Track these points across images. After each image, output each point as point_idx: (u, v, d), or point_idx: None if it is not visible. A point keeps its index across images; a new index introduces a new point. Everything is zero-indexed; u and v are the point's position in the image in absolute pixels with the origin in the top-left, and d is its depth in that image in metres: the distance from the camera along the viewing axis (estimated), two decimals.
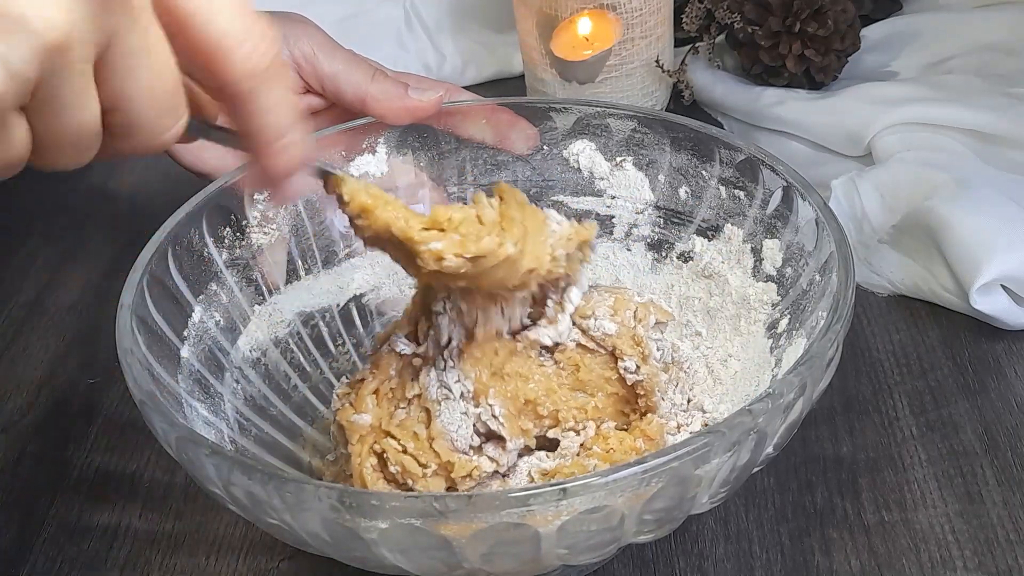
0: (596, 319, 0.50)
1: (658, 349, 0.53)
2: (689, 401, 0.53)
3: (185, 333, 0.52)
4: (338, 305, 0.60)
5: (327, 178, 0.43)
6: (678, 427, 0.51)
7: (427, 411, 0.49)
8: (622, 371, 0.50)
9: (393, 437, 0.48)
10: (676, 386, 0.53)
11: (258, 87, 0.36)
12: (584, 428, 0.50)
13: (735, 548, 0.52)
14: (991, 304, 0.60)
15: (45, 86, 0.32)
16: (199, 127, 0.38)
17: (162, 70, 0.34)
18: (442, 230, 0.42)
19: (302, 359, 0.58)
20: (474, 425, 0.49)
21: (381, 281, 0.61)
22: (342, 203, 0.43)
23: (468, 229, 0.43)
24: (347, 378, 0.54)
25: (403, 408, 0.49)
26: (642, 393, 0.51)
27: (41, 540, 0.55)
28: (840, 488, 0.54)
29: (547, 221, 0.46)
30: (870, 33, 0.85)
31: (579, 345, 0.51)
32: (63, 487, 0.58)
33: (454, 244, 0.42)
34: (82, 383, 0.65)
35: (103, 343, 0.67)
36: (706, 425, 0.50)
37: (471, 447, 0.49)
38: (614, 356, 0.51)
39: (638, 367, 0.50)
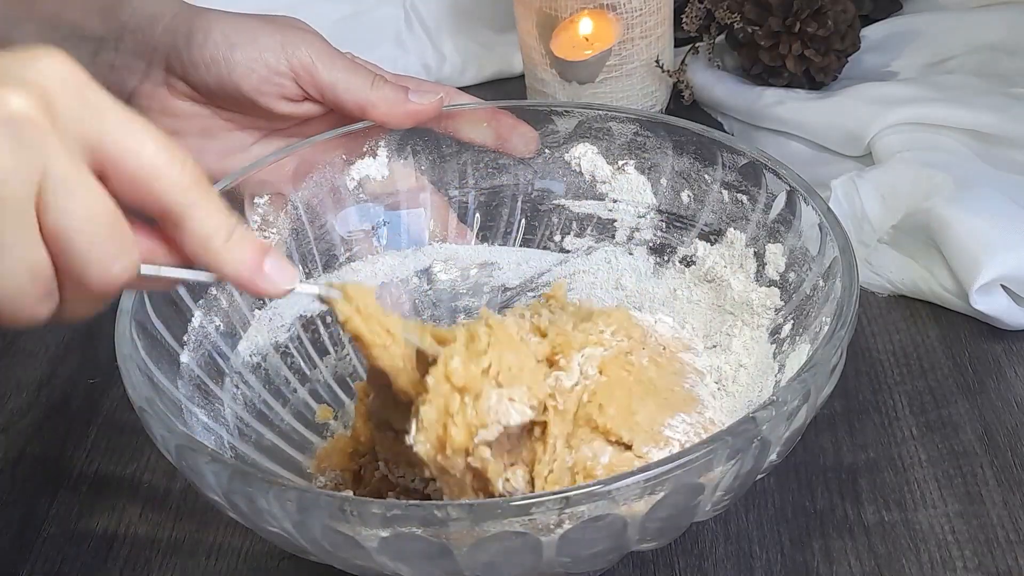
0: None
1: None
2: None
3: (185, 338, 0.52)
4: None
5: (327, 301, 0.44)
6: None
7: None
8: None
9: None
10: None
11: (197, 197, 0.39)
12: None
13: (735, 548, 0.52)
14: (991, 304, 0.60)
15: None
16: (154, 268, 0.40)
17: (95, 201, 0.37)
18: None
19: (302, 364, 0.58)
20: None
21: (382, 284, 0.61)
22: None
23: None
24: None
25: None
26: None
27: (41, 540, 0.55)
28: (840, 488, 0.54)
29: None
30: (870, 33, 0.85)
31: None
32: (63, 487, 0.58)
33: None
34: (82, 383, 0.65)
35: (103, 343, 0.66)
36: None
37: None
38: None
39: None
